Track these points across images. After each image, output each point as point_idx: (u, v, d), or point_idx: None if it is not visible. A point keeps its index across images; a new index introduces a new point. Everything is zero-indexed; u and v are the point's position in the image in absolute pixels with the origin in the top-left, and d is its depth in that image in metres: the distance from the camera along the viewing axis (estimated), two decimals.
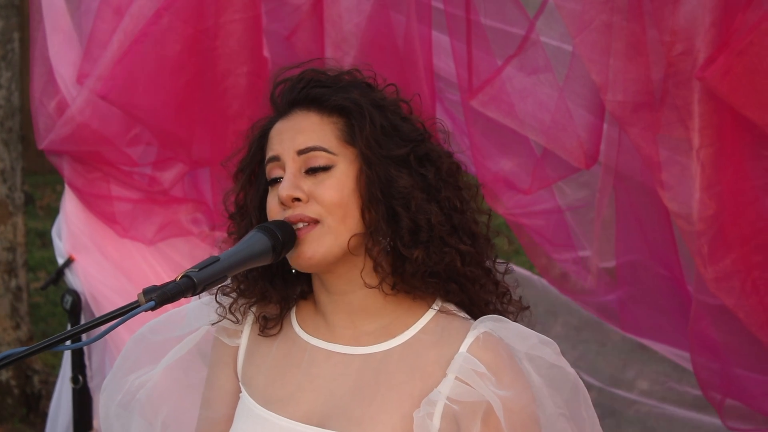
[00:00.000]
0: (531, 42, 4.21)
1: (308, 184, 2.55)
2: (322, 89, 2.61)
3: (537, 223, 4.61)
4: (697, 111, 3.64)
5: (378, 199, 2.54)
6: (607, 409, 5.40)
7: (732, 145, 3.69)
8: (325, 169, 2.56)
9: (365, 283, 2.58)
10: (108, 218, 4.84)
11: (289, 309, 2.69)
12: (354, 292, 2.60)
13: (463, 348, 2.53)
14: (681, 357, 4.61)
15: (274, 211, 2.58)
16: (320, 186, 2.55)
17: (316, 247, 2.54)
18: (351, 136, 2.57)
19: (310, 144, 2.56)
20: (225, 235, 2.74)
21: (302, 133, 2.58)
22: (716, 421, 4.73)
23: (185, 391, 2.80)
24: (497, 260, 2.66)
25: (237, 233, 2.67)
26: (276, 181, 2.59)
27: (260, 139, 2.66)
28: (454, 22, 4.35)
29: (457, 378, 2.50)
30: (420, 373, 2.54)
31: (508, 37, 4.31)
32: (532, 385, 2.53)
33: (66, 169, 4.83)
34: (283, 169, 2.58)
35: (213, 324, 2.72)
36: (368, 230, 2.55)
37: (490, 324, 2.56)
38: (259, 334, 2.68)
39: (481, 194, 2.68)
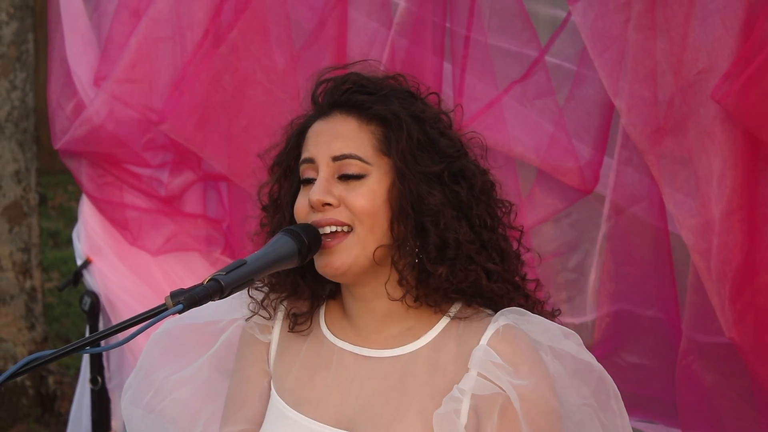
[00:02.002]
0: (538, 66, 4.18)
1: (340, 189, 2.56)
2: (364, 96, 2.60)
3: None
4: (717, 134, 3.55)
5: (408, 213, 2.55)
6: None
7: (748, 173, 3.61)
8: (358, 177, 2.56)
9: (389, 294, 2.59)
10: (120, 225, 4.86)
11: (319, 306, 2.70)
12: (378, 299, 2.61)
13: (484, 341, 2.54)
14: None
15: (301, 211, 2.59)
16: (352, 192, 2.55)
17: (345, 258, 2.55)
18: (387, 147, 2.57)
19: (346, 152, 2.57)
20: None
21: (339, 139, 2.58)
22: None
23: (222, 394, 2.79)
24: (526, 278, 2.66)
25: (269, 225, 2.68)
26: (309, 181, 2.60)
27: (298, 136, 2.66)
28: (457, 42, 4.30)
29: (479, 374, 2.52)
30: (443, 371, 2.56)
31: (510, 57, 4.27)
32: (555, 376, 2.54)
33: (80, 174, 4.85)
34: (317, 171, 2.58)
35: (246, 319, 2.72)
36: (396, 243, 2.56)
37: (511, 316, 2.57)
38: (289, 331, 2.69)
39: (515, 211, 2.68)
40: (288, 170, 2.67)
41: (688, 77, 3.60)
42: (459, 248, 2.55)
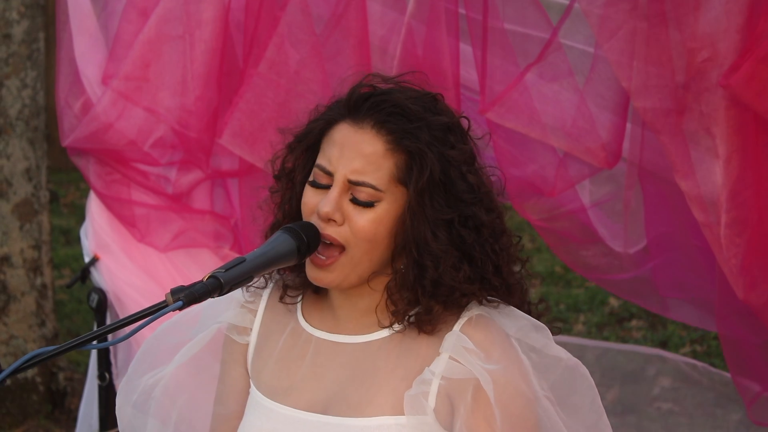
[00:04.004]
0: (552, 48, 4.22)
1: (349, 208, 2.59)
2: (401, 122, 2.60)
3: (562, 225, 4.60)
4: (722, 118, 3.63)
5: (410, 250, 2.59)
6: (627, 406, 5.42)
7: (756, 153, 3.69)
8: (368, 204, 2.59)
9: (378, 321, 2.66)
10: (128, 222, 4.88)
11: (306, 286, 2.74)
12: (362, 298, 2.68)
13: (457, 327, 2.61)
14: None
15: (308, 208, 2.64)
16: (358, 215, 2.59)
17: (335, 277, 2.62)
18: (406, 178, 2.59)
19: (363, 179, 2.58)
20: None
21: (362, 160, 2.59)
22: (736, 417, 4.73)
23: (198, 389, 2.87)
24: (531, 303, 2.71)
25: (279, 191, 2.73)
26: (317, 185, 2.63)
27: (324, 124, 2.66)
28: (475, 28, 4.34)
29: (450, 357, 2.58)
30: (415, 355, 2.62)
31: (528, 41, 4.31)
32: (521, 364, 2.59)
33: (88, 171, 4.88)
34: (331, 181, 2.61)
35: (246, 287, 2.76)
36: (395, 275, 2.62)
37: (484, 309, 2.63)
38: (279, 301, 2.75)
39: (521, 247, 2.71)
40: (307, 150, 2.69)
41: (694, 63, 3.68)
42: (455, 290, 2.60)
